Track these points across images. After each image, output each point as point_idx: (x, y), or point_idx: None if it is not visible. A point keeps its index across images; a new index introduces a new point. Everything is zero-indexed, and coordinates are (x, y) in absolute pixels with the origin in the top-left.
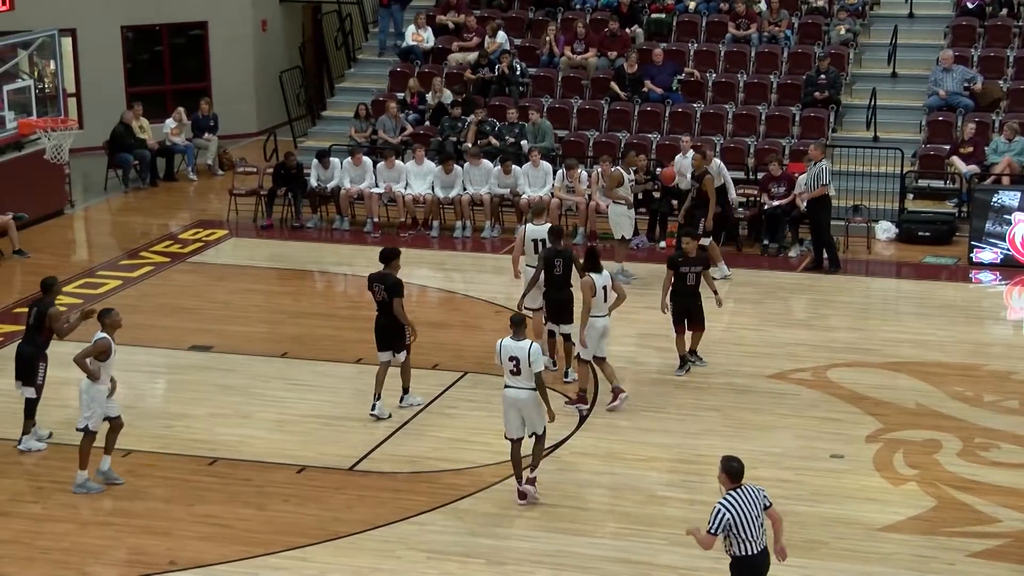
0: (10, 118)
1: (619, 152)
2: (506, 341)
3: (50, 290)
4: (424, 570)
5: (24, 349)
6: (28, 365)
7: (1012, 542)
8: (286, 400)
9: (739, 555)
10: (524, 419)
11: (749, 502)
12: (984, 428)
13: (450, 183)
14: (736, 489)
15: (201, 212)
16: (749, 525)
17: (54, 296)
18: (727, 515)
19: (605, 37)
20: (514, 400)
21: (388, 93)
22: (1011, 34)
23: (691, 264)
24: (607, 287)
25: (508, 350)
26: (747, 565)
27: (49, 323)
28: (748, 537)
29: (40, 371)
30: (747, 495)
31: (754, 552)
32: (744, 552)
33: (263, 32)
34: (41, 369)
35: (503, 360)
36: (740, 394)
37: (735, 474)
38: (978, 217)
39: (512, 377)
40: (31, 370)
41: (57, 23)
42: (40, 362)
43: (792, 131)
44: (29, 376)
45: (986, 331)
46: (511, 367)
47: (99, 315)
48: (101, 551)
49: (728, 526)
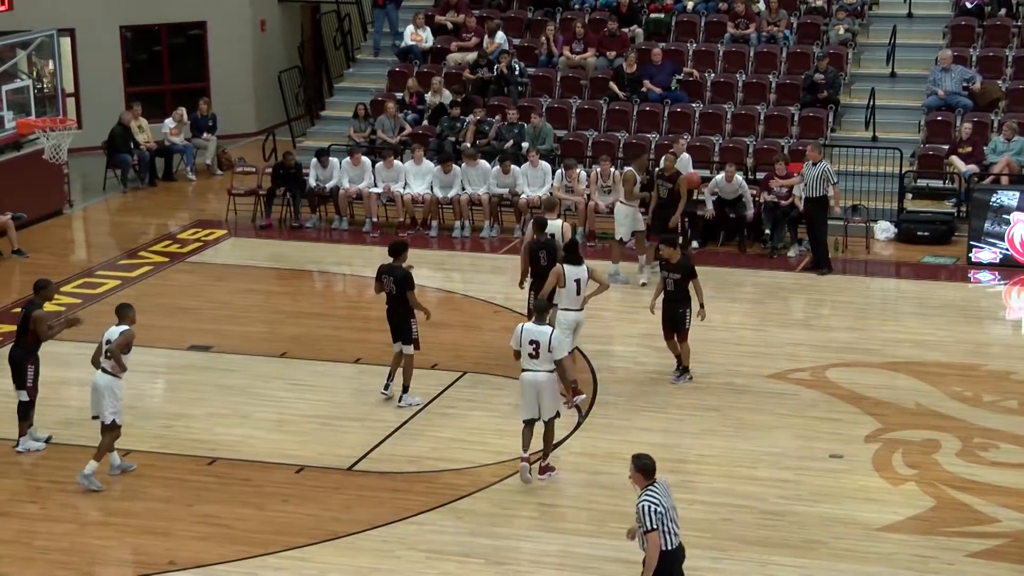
0: (9, 118)
1: (618, 151)
2: (528, 325)
3: (40, 292)
4: (423, 570)
5: (13, 352)
6: (17, 368)
7: (1011, 542)
8: (285, 400)
9: (663, 550)
10: (540, 403)
11: (666, 495)
12: (983, 428)
13: (449, 183)
14: (652, 484)
15: (200, 212)
16: (672, 518)
17: (44, 299)
18: (658, 508)
19: (604, 37)
20: (532, 382)
21: (387, 93)
22: (1010, 34)
23: (670, 270)
24: (581, 280)
25: (529, 333)
26: (669, 558)
27: (33, 325)
28: (671, 529)
29: (29, 373)
30: (663, 489)
31: (675, 546)
32: (667, 546)
33: (262, 32)
34: (30, 371)
35: (523, 343)
36: (739, 394)
37: (648, 471)
38: (977, 217)
39: (530, 360)
40: (20, 373)
41: (56, 23)
42: (29, 364)
43: (791, 131)
44: (19, 379)
45: (985, 331)
46: (530, 350)
47: (119, 309)
48: (100, 551)
49: (661, 519)
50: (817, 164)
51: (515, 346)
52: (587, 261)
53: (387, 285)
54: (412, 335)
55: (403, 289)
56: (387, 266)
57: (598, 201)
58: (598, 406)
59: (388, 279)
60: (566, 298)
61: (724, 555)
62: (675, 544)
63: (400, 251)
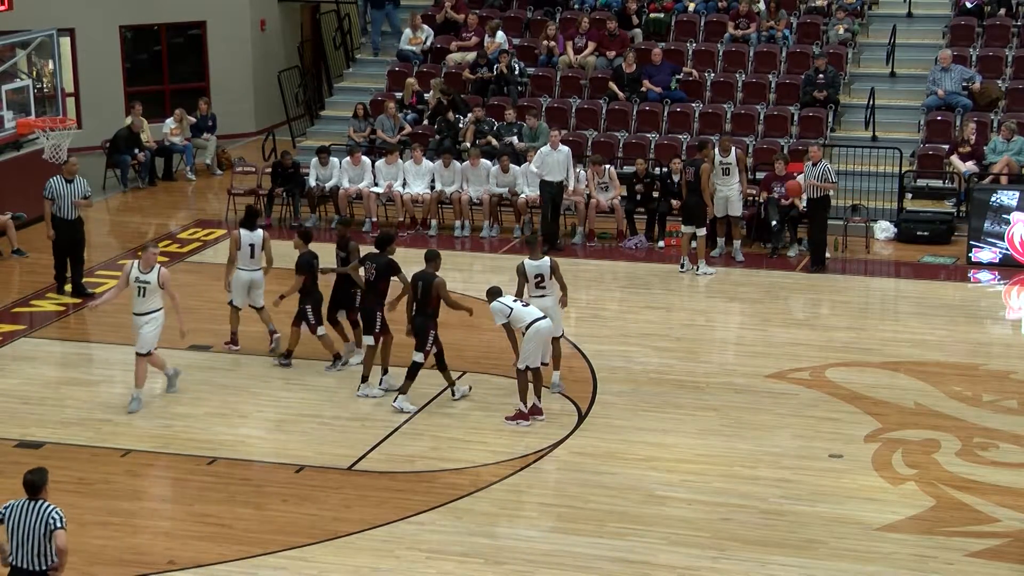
0: (9, 118)
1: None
2: (527, 261)
3: (431, 262)
4: (423, 570)
5: (416, 321)
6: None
7: (1011, 542)
8: (285, 400)
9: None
10: (552, 326)
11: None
12: (983, 428)
13: (451, 178)
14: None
15: (200, 212)
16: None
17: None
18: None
19: (604, 36)
20: (543, 308)
21: (386, 93)
22: (1009, 34)
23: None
24: (544, 275)
25: (533, 268)
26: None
27: (435, 292)
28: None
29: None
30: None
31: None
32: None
33: (262, 32)
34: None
35: (529, 277)
36: (739, 394)
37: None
38: (977, 217)
39: (538, 289)
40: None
41: (56, 23)
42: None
43: (791, 131)
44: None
45: (985, 331)
46: (536, 281)
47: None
48: (100, 551)
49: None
50: (817, 164)
51: (522, 281)
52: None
53: (368, 271)
54: (375, 327)
55: (383, 276)
56: (372, 254)
57: (599, 198)
58: (598, 405)
59: (370, 265)
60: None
61: (724, 555)
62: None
63: (386, 242)
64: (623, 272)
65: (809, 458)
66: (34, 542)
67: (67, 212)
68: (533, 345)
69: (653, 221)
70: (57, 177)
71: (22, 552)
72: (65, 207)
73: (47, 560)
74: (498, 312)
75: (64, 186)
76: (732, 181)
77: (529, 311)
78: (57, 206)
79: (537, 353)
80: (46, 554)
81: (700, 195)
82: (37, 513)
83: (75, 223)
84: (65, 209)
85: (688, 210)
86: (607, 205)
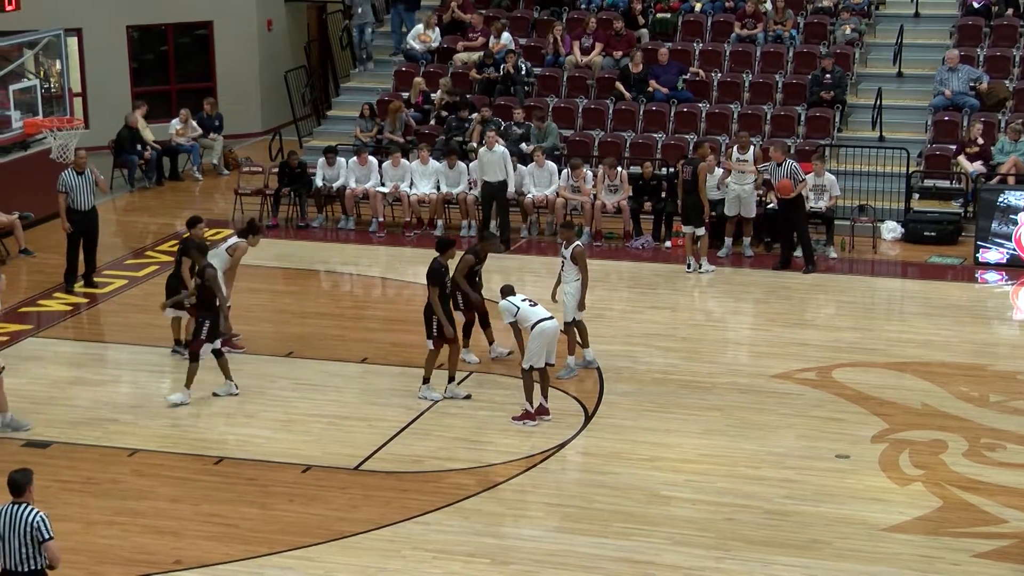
0: (16, 118)
1: (624, 151)
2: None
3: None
4: (429, 570)
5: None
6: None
7: (1018, 543)
8: (291, 400)
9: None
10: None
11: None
12: (990, 428)
13: (456, 179)
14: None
15: (206, 212)
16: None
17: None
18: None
19: (610, 37)
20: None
21: (393, 93)
22: (1017, 34)
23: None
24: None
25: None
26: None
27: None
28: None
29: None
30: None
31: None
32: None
33: (268, 32)
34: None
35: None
36: (744, 394)
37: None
38: (984, 217)
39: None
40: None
41: (63, 23)
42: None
43: (798, 131)
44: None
45: (992, 331)
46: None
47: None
48: (107, 550)
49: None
50: (782, 164)
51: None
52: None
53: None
54: (431, 331)
55: (428, 282)
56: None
57: (604, 200)
58: (603, 405)
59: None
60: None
61: (728, 555)
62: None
63: (444, 248)
64: (629, 272)
65: (814, 458)
66: (19, 545)
67: (81, 203)
68: (537, 345)
69: (660, 221)
70: (69, 170)
71: (9, 555)
72: (79, 198)
73: (35, 561)
74: (505, 310)
75: (76, 178)
76: (747, 180)
77: (535, 311)
78: (71, 198)
79: (542, 353)
80: (32, 556)
81: (697, 195)
82: (21, 518)
83: (89, 213)
84: (79, 200)
85: (686, 210)
86: (613, 206)
